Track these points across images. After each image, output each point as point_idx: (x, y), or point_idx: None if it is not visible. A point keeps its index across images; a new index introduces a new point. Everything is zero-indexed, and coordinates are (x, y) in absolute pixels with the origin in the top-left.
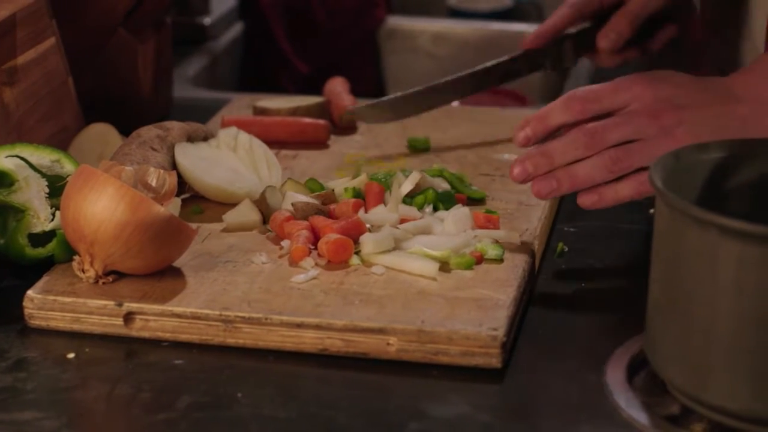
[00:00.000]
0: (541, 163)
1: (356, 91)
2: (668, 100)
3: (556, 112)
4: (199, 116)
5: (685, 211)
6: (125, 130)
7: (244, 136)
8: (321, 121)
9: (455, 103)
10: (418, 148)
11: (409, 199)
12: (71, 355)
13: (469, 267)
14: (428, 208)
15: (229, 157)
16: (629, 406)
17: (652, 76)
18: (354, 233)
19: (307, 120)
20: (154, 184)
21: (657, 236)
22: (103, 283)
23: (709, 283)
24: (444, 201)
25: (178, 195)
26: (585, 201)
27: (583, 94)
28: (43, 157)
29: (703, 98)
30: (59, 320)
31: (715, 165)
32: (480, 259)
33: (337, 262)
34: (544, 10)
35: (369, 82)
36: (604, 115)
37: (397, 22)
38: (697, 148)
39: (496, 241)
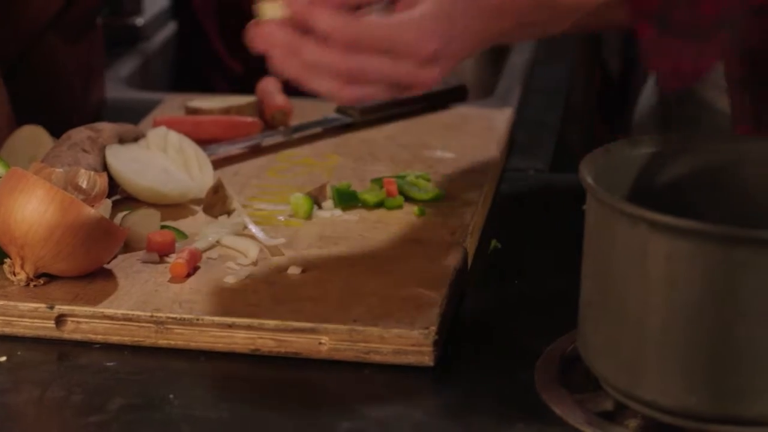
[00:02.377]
0: (287, 57)
1: (290, 90)
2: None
3: (321, 20)
4: (132, 117)
5: (614, 206)
6: (57, 132)
7: (174, 136)
8: (253, 119)
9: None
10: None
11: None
12: (3, 359)
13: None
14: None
15: (160, 158)
16: (562, 402)
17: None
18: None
19: (239, 118)
20: (84, 186)
21: (588, 232)
22: (35, 285)
23: (640, 279)
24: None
25: (109, 197)
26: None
27: (355, 32)
28: None
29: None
30: None
31: (646, 160)
32: None
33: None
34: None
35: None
36: None
37: None
38: (628, 143)
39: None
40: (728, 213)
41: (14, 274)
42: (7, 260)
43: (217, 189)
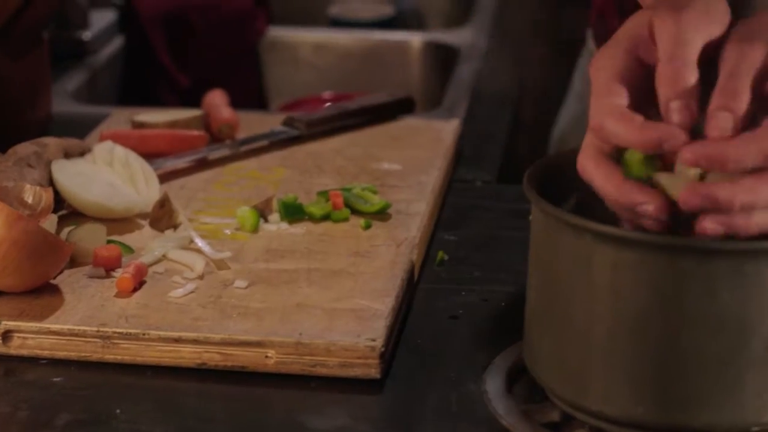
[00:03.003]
0: (713, 160)
1: (238, 104)
2: None
3: (748, 191)
4: (79, 131)
5: (559, 218)
6: (2, 147)
7: (120, 150)
8: (199, 132)
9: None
10: None
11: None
12: None
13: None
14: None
15: (106, 172)
16: (509, 413)
17: None
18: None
19: (185, 131)
20: (30, 201)
21: (533, 243)
22: None
23: (585, 289)
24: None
25: (55, 212)
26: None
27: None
28: None
29: None
30: None
31: None
32: None
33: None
34: (425, 18)
35: (251, 94)
36: None
37: (278, 33)
38: (572, 153)
39: None
40: (677, 221)
41: None
42: None
43: (164, 203)
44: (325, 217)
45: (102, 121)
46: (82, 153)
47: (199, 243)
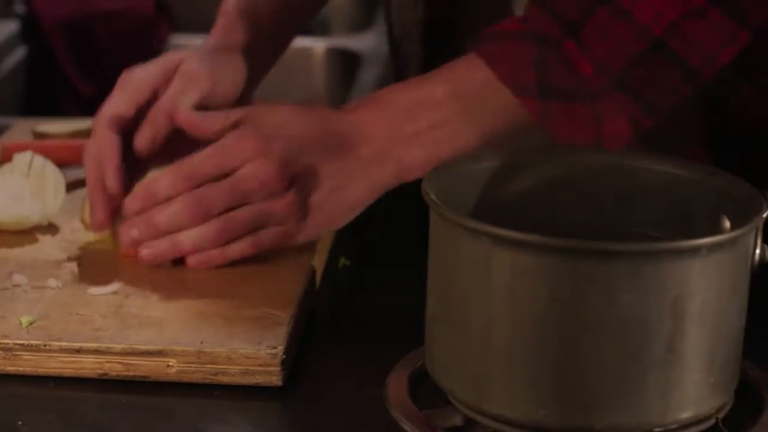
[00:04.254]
0: (146, 232)
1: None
2: (280, 159)
3: (163, 185)
4: None
5: (457, 222)
6: None
7: (38, 161)
8: None
9: None
10: None
11: None
12: None
13: None
14: None
15: (19, 184)
16: (411, 418)
17: (262, 131)
18: None
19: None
20: None
21: (432, 248)
22: None
23: (484, 293)
24: None
25: None
26: (191, 262)
27: (188, 170)
28: None
29: (321, 148)
30: None
31: (491, 174)
32: None
33: None
34: (329, 23)
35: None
36: None
37: (181, 40)
38: (471, 158)
39: None
40: (575, 224)
41: None
42: None
43: None
44: None
45: (3, 133)
46: None
47: None
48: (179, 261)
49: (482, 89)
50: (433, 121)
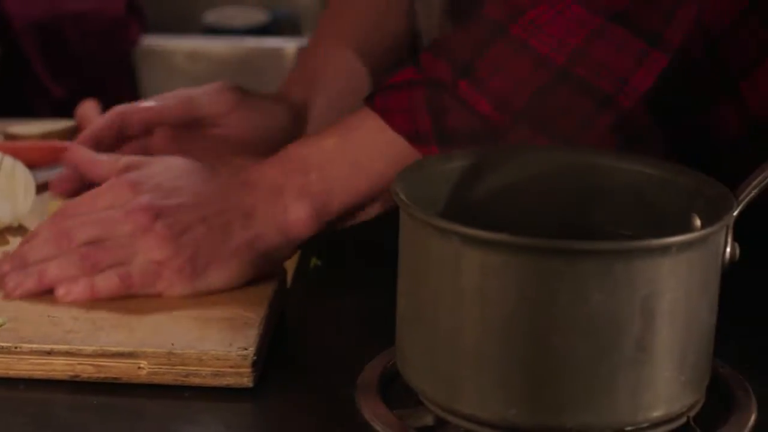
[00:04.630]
0: (14, 263)
1: None
2: (149, 202)
3: (37, 248)
4: None
5: (426, 221)
6: None
7: (8, 161)
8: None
9: None
10: None
11: None
12: None
13: None
14: None
15: None
16: (382, 419)
17: (137, 179)
18: None
19: (59, 143)
20: None
21: (402, 248)
22: None
23: (454, 293)
24: None
25: None
26: (58, 293)
27: (61, 220)
28: None
29: (200, 195)
30: None
31: (461, 174)
32: None
33: None
34: (300, 24)
35: (125, 103)
36: None
37: (152, 41)
38: (441, 157)
39: None
40: (545, 222)
41: None
42: None
43: None
44: None
45: None
46: None
47: None
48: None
49: (374, 139)
50: (324, 174)
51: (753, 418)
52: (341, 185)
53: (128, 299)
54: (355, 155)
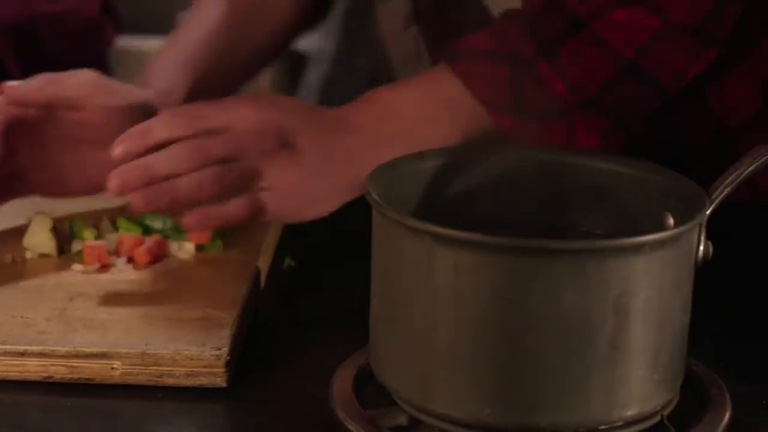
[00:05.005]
0: (139, 175)
1: None
2: (273, 122)
3: (159, 127)
4: None
5: (399, 221)
6: None
7: None
8: None
9: None
10: None
11: None
12: None
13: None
14: None
15: None
16: (355, 418)
17: (260, 100)
18: None
19: None
20: None
21: (375, 248)
22: None
23: (427, 293)
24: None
25: None
26: (189, 221)
27: (187, 110)
28: None
29: (311, 125)
30: None
31: (434, 173)
32: None
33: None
34: None
35: None
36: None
37: (127, 42)
38: (414, 157)
39: None
40: (518, 222)
41: None
42: None
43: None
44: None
45: None
46: None
47: None
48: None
49: (457, 99)
50: (407, 124)
51: (727, 416)
52: (420, 138)
53: (101, 301)
54: (438, 112)
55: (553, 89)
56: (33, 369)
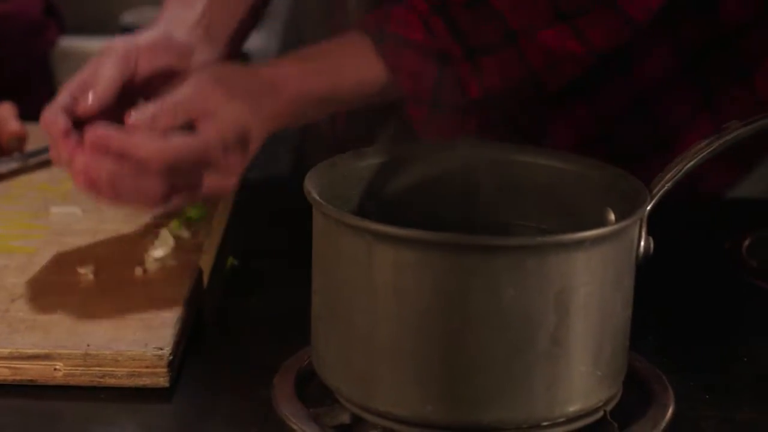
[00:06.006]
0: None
1: (30, 116)
2: (241, 124)
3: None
4: None
5: (338, 219)
6: None
7: None
8: None
9: None
10: None
11: None
12: None
13: None
14: None
15: None
16: (298, 417)
17: (228, 86)
18: None
19: None
20: None
21: (315, 246)
22: None
23: (367, 291)
24: None
25: None
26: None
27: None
28: None
29: (262, 113)
30: None
31: (374, 171)
32: None
33: None
34: None
35: (42, 106)
36: None
37: (70, 42)
38: (354, 155)
39: None
40: (460, 219)
41: None
42: None
43: None
44: None
45: None
46: None
47: None
48: None
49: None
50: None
51: (670, 411)
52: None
53: (44, 302)
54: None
55: (468, 91)
56: None
